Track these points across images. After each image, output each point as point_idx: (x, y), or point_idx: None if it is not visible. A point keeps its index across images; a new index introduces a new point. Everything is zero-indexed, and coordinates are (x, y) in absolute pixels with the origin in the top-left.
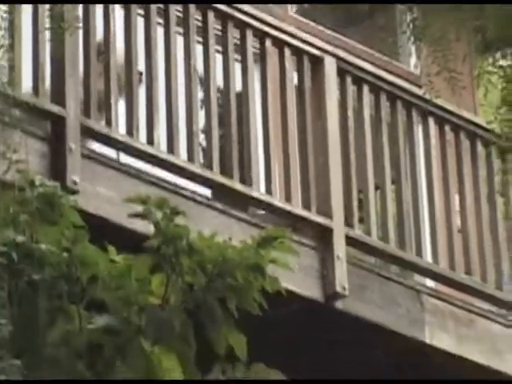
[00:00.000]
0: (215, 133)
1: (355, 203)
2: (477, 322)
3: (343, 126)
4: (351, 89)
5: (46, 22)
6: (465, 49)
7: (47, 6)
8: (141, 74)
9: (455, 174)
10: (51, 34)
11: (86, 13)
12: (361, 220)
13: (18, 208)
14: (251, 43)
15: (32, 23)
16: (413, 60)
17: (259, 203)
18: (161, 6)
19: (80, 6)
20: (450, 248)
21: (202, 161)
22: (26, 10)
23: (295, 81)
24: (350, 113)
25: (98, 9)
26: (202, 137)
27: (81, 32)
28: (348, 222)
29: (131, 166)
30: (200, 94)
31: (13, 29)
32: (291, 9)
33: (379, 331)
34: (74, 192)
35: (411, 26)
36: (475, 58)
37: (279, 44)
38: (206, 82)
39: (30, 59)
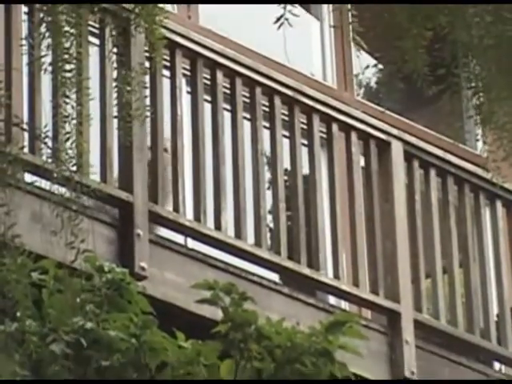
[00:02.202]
0: (283, 216)
1: (423, 287)
2: None
3: (410, 210)
4: (418, 172)
5: (114, 110)
6: None
7: (115, 94)
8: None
9: None
10: (119, 121)
11: (154, 98)
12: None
13: (86, 295)
14: (318, 127)
15: (100, 110)
16: (480, 144)
17: (327, 287)
18: (227, 91)
19: (148, 94)
20: None
21: (269, 244)
22: (94, 97)
23: (362, 164)
24: (418, 196)
25: (166, 95)
26: (269, 219)
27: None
28: (416, 306)
29: (199, 252)
30: (267, 178)
31: (81, 116)
32: (357, 93)
33: None
34: (142, 278)
35: (477, 111)
36: None
37: (346, 128)
38: (272, 165)
39: (98, 145)
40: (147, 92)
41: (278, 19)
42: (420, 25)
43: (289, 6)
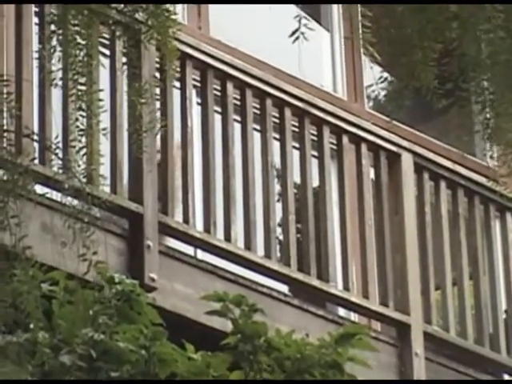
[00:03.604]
0: (292, 229)
1: (433, 299)
2: None
3: (420, 222)
4: (428, 184)
5: (124, 122)
6: None
7: (125, 106)
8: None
9: None
10: (131, 134)
11: (164, 110)
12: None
13: (96, 306)
14: (328, 139)
15: (110, 123)
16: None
17: (337, 299)
18: (237, 103)
19: (157, 105)
20: None
21: (279, 256)
22: (104, 109)
23: (372, 176)
24: (428, 208)
25: (176, 107)
26: (279, 231)
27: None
28: (426, 318)
29: (209, 263)
30: (277, 189)
31: (90, 128)
32: (367, 104)
33: None
34: (152, 289)
35: (484, 126)
36: None
37: (356, 140)
38: (282, 177)
39: (108, 157)
40: (157, 104)
41: (294, 33)
42: (430, 38)
43: (304, 20)
